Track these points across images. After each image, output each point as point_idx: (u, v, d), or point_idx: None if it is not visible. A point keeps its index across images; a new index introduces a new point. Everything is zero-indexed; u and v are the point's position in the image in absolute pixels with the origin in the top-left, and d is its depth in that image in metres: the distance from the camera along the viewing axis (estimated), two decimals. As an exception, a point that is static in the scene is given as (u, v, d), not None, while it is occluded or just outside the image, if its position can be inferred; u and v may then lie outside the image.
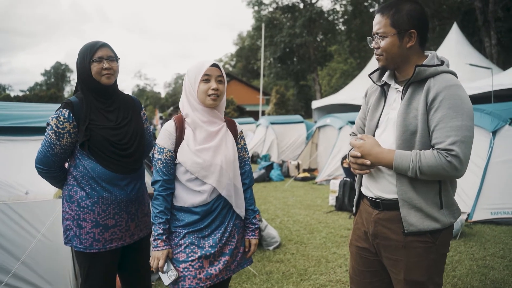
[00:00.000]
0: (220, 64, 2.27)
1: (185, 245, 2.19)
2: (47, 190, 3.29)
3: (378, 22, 1.97)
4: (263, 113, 28.45)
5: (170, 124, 2.26)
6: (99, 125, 2.37)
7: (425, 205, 1.90)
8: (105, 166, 2.36)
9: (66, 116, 2.31)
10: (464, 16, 26.98)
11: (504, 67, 19.23)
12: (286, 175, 11.21)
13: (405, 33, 1.92)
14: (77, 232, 2.39)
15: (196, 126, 2.23)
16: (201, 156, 2.18)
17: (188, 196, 2.21)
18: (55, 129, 2.30)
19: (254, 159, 13.41)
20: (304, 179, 10.50)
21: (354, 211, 2.30)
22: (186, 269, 2.16)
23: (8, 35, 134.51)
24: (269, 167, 11.16)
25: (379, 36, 1.97)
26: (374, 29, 2.00)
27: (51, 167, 2.38)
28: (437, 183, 1.91)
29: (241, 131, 2.46)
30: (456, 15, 26.36)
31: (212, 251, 2.20)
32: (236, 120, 2.91)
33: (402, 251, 1.96)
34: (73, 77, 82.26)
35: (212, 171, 2.19)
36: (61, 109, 2.33)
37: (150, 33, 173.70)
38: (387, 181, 2.00)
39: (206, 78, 2.19)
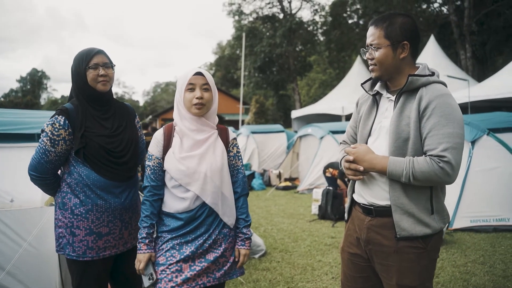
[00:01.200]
0: (206, 72, 2.27)
1: (166, 249, 2.23)
2: (33, 197, 3.25)
3: (372, 34, 2.04)
4: (243, 123, 28.48)
5: (159, 132, 2.31)
6: (95, 133, 2.36)
7: (417, 211, 1.95)
8: (100, 174, 2.35)
9: (62, 123, 2.29)
10: (440, 29, 27.71)
11: (479, 79, 19.78)
12: (268, 184, 11.27)
13: (398, 45, 1.99)
14: (70, 240, 2.36)
15: (184, 134, 2.25)
16: (184, 164, 2.20)
17: (174, 202, 2.25)
18: (50, 136, 2.28)
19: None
20: (285, 188, 10.55)
21: (346, 217, 2.34)
22: (163, 272, 2.19)
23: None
24: (251, 176, 11.18)
25: (373, 48, 2.03)
26: (368, 41, 2.06)
27: (45, 174, 2.35)
28: (429, 189, 1.97)
29: (234, 139, 2.44)
30: (433, 28, 26.99)
31: (191, 255, 2.21)
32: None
33: (394, 256, 2.00)
34: (50, 84, 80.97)
35: (196, 179, 2.20)
36: (57, 116, 2.31)
37: (128, 40, 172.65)
38: (380, 188, 2.05)
39: (190, 87, 2.21)
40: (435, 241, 2.01)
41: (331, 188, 7.25)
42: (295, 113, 22.15)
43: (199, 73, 2.23)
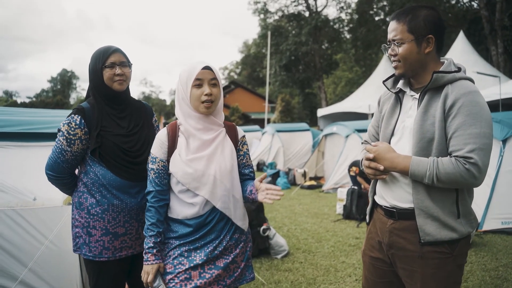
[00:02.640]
0: (213, 65, 2.11)
1: (174, 256, 2.10)
2: (55, 196, 3.27)
3: (394, 29, 1.94)
4: (269, 121, 28.43)
5: (163, 133, 2.16)
6: (111, 132, 2.34)
7: (442, 214, 1.85)
8: (116, 174, 2.32)
9: (78, 122, 2.28)
10: (470, 24, 26.96)
11: (511, 75, 19.17)
12: (293, 183, 11.19)
13: (423, 39, 1.89)
14: (86, 240, 2.35)
15: (190, 134, 2.11)
16: (192, 166, 2.05)
17: (181, 208, 2.11)
18: (66, 135, 2.27)
19: (260, 167, 13.42)
20: (310, 187, 10.47)
21: (367, 220, 2.25)
22: (171, 281, 2.06)
23: (16, 42, 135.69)
24: (276, 175, 11.14)
25: (396, 43, 1.93)
26: (390, 36, 1.96)
27: (62, 174, 2.35)
28: (454, 191, 1.87)
29: (243, 136, 2.30)
30: (462, 24, 26.32)
31: (201, 263, 2.08)
32: (242, 128, 2.76)
33: (418, 261, 1.91)
34: (79, 84, 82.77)
35: (205, 182, 2.06)
36: (73, 115, 2.30)
37: (155, 40, 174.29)
38: (402, 190, 1.96)
39: (198, 83, 2.05)
40: (462, 246, 1.91)
41: (356, 187, 7.15)
42: (321, 112, 21.99)
43: (207, 67, 2.07)
